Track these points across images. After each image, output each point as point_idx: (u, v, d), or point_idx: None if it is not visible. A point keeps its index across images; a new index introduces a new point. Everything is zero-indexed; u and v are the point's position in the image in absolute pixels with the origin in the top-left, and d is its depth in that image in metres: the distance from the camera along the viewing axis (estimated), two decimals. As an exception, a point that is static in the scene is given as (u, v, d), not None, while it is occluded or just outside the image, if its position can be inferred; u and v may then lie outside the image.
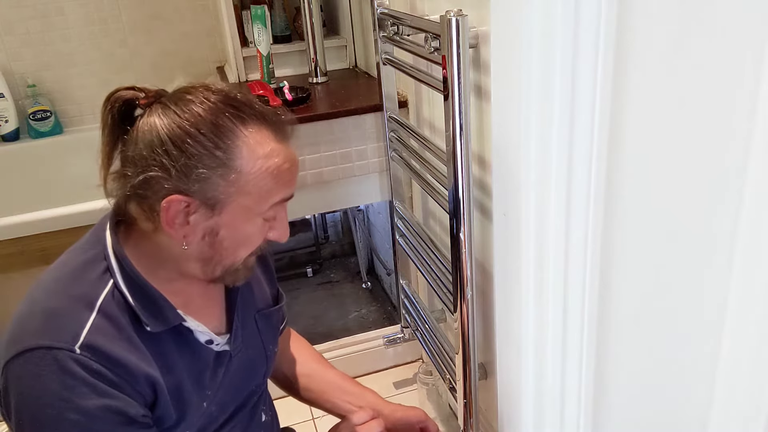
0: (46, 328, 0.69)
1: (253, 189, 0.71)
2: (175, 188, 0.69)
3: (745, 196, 0.55)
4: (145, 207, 0.72)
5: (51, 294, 0.73)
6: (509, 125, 0.78)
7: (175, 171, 0.68)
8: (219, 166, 0.69)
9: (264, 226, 0.76)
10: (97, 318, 0.70)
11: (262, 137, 0.72)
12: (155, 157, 0.69)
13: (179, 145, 0.68)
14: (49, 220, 1.54)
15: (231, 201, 0.71)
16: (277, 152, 0.72)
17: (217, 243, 0.74)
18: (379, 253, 2.23)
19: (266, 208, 0.74)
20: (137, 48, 2.17)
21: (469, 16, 0.89)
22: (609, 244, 0.75)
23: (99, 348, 0.69)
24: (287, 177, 0.74)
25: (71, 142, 2.13)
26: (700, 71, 0.57)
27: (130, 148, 0.71)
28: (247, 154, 0.70)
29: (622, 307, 0.77)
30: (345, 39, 1.93)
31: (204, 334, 0.80)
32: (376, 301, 2.16)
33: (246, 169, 0.70)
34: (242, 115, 0.71)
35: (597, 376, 0.84)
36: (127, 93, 0.73)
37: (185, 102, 0.71)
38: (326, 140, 1.51)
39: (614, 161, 0.70)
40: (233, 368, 0.85)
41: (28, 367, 0.68)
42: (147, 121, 0.71)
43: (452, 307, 1.09)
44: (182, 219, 0.71)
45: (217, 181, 0.69)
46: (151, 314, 0.74)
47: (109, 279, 0.73)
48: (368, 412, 0.91)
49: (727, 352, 0.62)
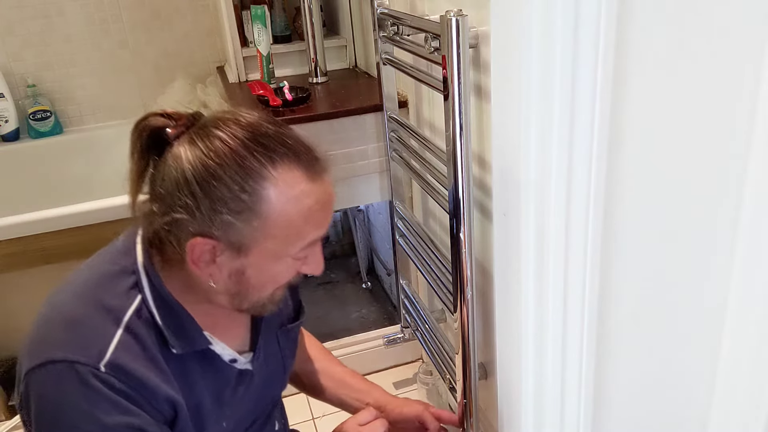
0: (71, 340, 0.68)
1: (280, 233, 0.68)
2: (199, 231, 0.67)
3: (745, 195, 0.55)
4: (173, 242, 0.70)
5: (77, 300, 0.72)
6: (509, 125, 0.78)
7: (200, 214, 0.66)
8: (244, 210, 0.66)
9: (294, 264, 0.73)
10: (123, 335, 0.69)
11: (293, 178, 0.67)
12: (180, 197, 0.66)
13: (204, 187, 0.65)
14: (49, 220, 1.54)
15: (257, 244, 0.68)
16: (308, 193, 0.68)
17: (244, 281, 0.71)
18: (379, 253, 2.23)
19: (296, 250, 0.71)
20: (137, 48, 2.17)
21: (469, 16, 0.89)
22: (609, 244, 0.75)
23: (123, 367, 0.68)
24: (319, 218, 0.70)
25: (71, 142, 2.14)
26: (700, 71, 0.57)
27: (158, 181, 0.69)
28: (275, 197, 0.66)
29: (622, 307, 0.77)
30: (345, 39, 1.93)
31: (229, 354, 0.79)
32: (376, 301, 2.16)
33: (273, 214, 0.67)
34: (272, 154, 0.67)
35: (597, 376, 0.84)
36: (157, 121, 0.70)
37: (212, 138, 0.67)
38: (326, 140, 1.51)
39: (614, 161, 0.70)
40: (253, 386, 0.85)
41: (51, 380, 0.67)
42: (174, 154, 0.68)
43: (452, 307, 1.09)
44: (208, 259, 0.69)
45: (242, 225, 0.66)
46: (179, 336, 0.73)
47: (137, 294, 0.72)
48: (372, 411, 0.91)
49: (727, 352, 0.62)
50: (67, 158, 2.11)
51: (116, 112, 2.19)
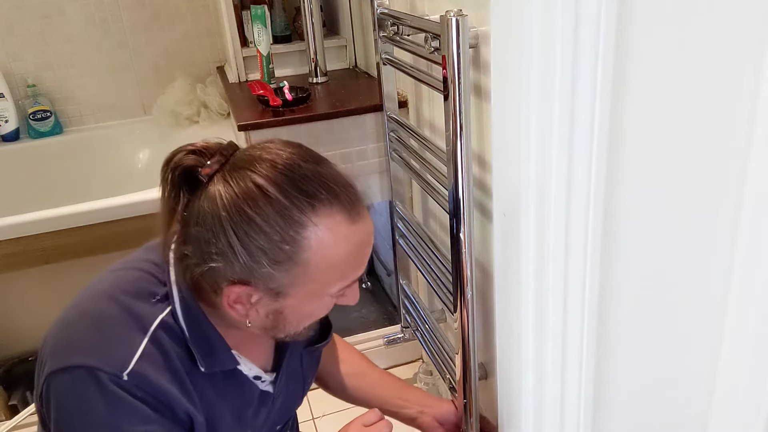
0: (95, 346, 0.68)
1: (320, 278, 0.67)
2: (237, 280, 0.65)
3: (745, 195, 0.55)
4: (208, 285, 0.68)
5: (106, 303, 0.71)
6: (509, 125, 0.78)
7: (238, 264, 0.64)
8: (284, 260, 0.64)
9: (332, 300, 0.72)
10: (148, 344, 0.68)
11: (334, 223, 0.65)
12: (217, 245, 0.64)
13: (242, 237, 0.63)
14: (49, 220, 1.54)
15: (296, 289, 0.67)
16: (349, 236, 0.66)
17: (281, 319, 0.70)
18: (379, 253, 2.23)
19: (335, 291, 0.69)
20: (137, 48, 2.17)
21: (469, 16, 0.89)
22: (609, 244, 0.75)
23: (146, 377, 0.67)
24: (360, 259, 0.69)
25: (71, 142, 2.14)
26: (700, 71, 0.57)
27: (192, 222, 0.66)
28: (317, 245, 0.64)
29: (622, 307, 0.77)
30: (345, 39, 1.93)
31: (255, 372, 0.79)
32: (376, 301, 2.16)
33: (314, 261, 0.65)
34: (312, 201, 0.64)
35: (597, 376, 0.84)
36: (188, 160, 0.66)
37: (248, 182, 0.63)
38: (326, 140, 1.51)
39: (614, 161, 0.70)
40: (275, 409, 0.84)
41: (73, 386, 0.67)
42: (210, 197, 0.64)
43: (452, 307, 1.09)
44: (245, 302, 0.68)
45: (282, 275, 0.65)
46: (206, 353, 0.72)
47: (167, 306, 0.71)
48: (377, 413, 0.91)
49: (727, 352, 0.62)
50: (67, 158, 2.11)
51: (116, 112, 2.19)
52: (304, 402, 1.66)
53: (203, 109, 2.11)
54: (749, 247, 0.56)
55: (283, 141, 0.69)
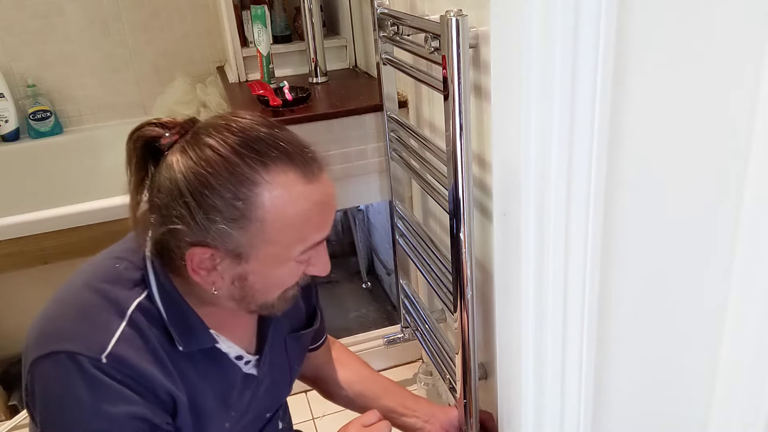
0: (75, 332, 0.69)
1: (279, 238, 0.67)
2: (196, 241, 0.67)
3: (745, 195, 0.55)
4: (174, 250, 0.70)
5: (84, 292, 0.72)
6: (509, 125, 0.78)
7: (195, 224, 0.66)
8: (239, 218, 0.65)
9: (298, 266, 0.72)
10: (126, 328, 0.70)
11: (288, 181, 0.66)
12: (175, 208, 0.66)
13: (197, 196, 0.65)
14: (48, 220, 1.54)
15: (257, 251, 0.68)
16: (305, 196, 0.67)
17: (248, 286, 0.71)
18: (379, 253, 2.23)
19: (297, 254, 0.70)
20: (137, 48, 2.17)
21: (469, 16, 0.89)
22: (609, 244, 0.75)
23: (124, 359, 0.68)
24: (319, 220, 0.70)
25: (71, 142, 2.14)
26: (700, 71, 0.57)
27: (154, 191, 0.69)
28: (270, 202, 0.65)
29: (622, 307, 0.77)
30: (345, 39, 1.93)
31: (235, 351, 0.79)
32: (376, 301, 2.16)
33: (269, 219, 0.66)
34: (264, 159, 0.66)
35: (597, 376, 0.84)
36: (150, 131, 0.69)
37: (203, 146, 0.66)
38: (326, 140, 1.51)
39: (614, 161, 0.70)
40: (260, 393, 0.84)
41: (54, 371, 0.68)
42: (168, 165, 0.67)
43: (452, 307, 1.09)
44: (208, 267, 0.69)
45: (239, 233, 0.66)
46: (184, 333, 0.73)
47: (144, 290, 0.72)
48: (376, 413, 0.91)
49: (727, 352, 0.62)
50: (67, 158, 2.11)
51: (116, 111, 2.19)
52: (304, 402, 1.67)
53: (203, 109, 2.10)
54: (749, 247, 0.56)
55: (247, 112, 0.71)
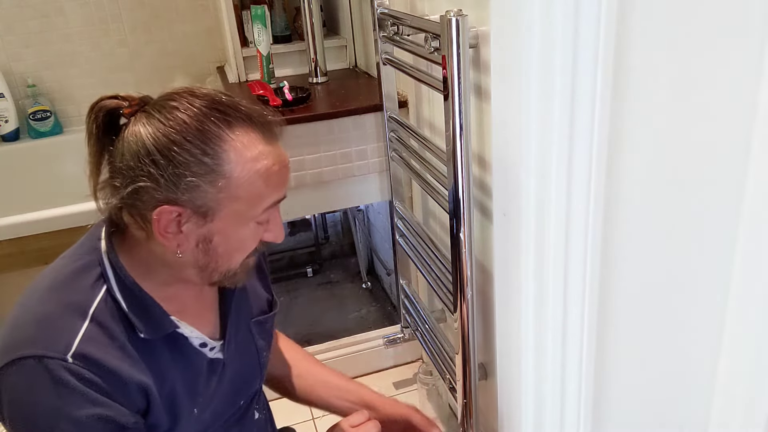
0: (38, 337, 0.69)
1: (243, 194, 0.70)
2: (165, 198, 0.68)
3: (746, 195, 0.55)
4: (136, 216, 0.71)
5: (44, 301, 0.73)
6: (509, 125, 0.78)
7: (164, 180, 0.67)
8: (207, 172, 0.68)
9: (258, 229, 0.75)
10: (89, 326, 0.70)
11: (250, 140, 0.70)
12: (143, 168, 0.68)
13: (166, 154, 0.67)
14: (48, 220, 1.54)
15: (222, 207, 0.70)
16: (266, 154, 0.71)
17: (212, 249, 0.73)
18: (379, 253, 2.23)
19: (259, 212, 0.73)
20: (137, 48, 2.17)
21: (469, 16, 0.89)
22: (609, 244, 0.75)
23: (91, 357, 0.69)
24: (278, 179, 0.73)
25: (71, 142, 2.13)
26: (700, 71, 0.57)
27: (117, 158, 0.70)
28: (235, 158, 0.69)
29: (622, 307, 0.77)
30: (345, 39, 1.93)
31: (198, 338, 0.80)
32: (376, 301, 2.16)
33: (235, 173, 0.69)
34: (228, 118, 0.70)
35: (597, 376, 0.84)
36: (110, 102, 0.72)
37: (169, 109, 0.70)
38: (326, 140, 1.51)
39: (614, 161, 0.70)
40: (227, 377, 0.85)
41: (20, 377, 0.68)
42: (132, 130, 0.70)
43: (452, 307, 1.09)
44: (174, 228, 0.70)
45: (207, 188, 0.68)
46: (145, 321, 0.74)
47: (102, 285, 0.73)
48: (364, 413, 0.91)
49: (727, 352, 0.62)
50: (67, 158, 2.11)
51: (116, 112, 2.19)
52: (304, 402, 1.66)
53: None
54: (749, 247, 0.56)
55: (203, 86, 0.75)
